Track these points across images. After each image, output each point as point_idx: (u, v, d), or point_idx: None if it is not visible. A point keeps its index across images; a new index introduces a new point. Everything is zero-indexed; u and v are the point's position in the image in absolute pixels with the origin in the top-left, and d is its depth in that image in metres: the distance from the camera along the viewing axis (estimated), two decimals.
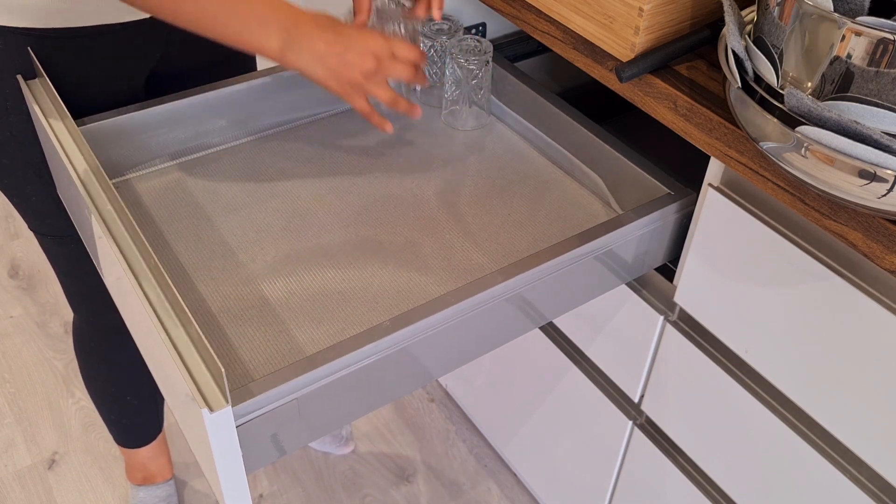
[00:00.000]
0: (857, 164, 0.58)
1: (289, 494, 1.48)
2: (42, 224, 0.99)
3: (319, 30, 0.77)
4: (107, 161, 0.91)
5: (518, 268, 0.74)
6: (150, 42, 0.93)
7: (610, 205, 0.92)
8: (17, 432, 1.57)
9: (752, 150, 0.71)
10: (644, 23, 0.76)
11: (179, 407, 0.68)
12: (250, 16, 0.75)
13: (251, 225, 0.88)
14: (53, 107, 0.83)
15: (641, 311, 0.94)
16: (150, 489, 1.43)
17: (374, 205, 0.91)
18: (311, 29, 0.77)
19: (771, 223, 0.75)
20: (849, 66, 0.58)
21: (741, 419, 0.87)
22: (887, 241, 0.63)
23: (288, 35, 0.76)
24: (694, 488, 0.98)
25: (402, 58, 0.82)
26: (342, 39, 0.78)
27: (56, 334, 1.76)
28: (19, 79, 0.86)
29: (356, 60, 0.78)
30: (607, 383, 1.08)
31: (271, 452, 0.67)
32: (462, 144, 1.01)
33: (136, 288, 0.67)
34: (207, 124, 0.96)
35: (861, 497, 0.77)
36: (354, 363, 0.67)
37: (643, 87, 0.79)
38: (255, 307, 0.78)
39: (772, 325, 0.79)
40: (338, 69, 0.78)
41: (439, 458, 1.54)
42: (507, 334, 0.79)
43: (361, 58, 0.78)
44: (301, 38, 0.77)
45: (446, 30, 1.00)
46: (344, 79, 0.79)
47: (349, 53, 0.78)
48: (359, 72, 0.79)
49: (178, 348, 0.63)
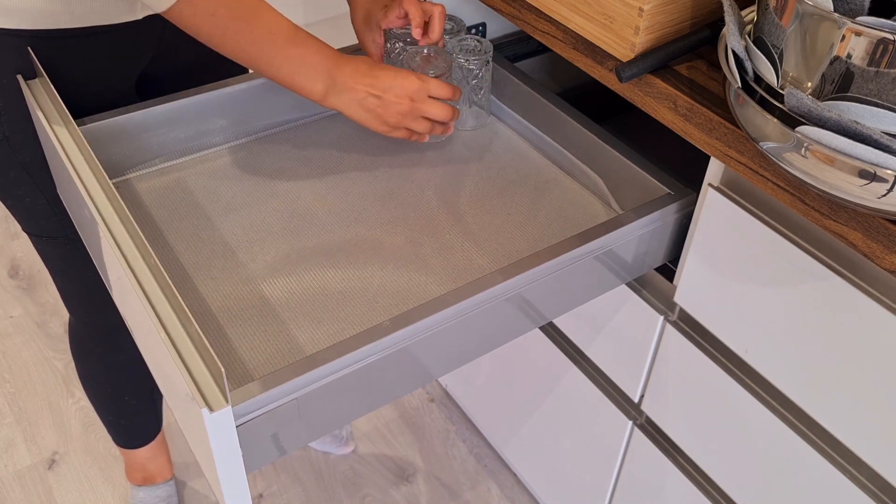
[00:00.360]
0: (857, 164, 0.58)
1: (289, 494, 1.48)
2: (35, 225, 0.99)
3: (359, 75, 0.84)
4: (107, 161, 0.91)
5: (518, 268, 0.74)
6: (143, 42, 0.93)
7: (610, 205, 0.92)
8: (17, 432, 1.57)
9: (752, 150, 0.71)
10: (644, 23, 0.76)
11: (179, 407, 0.68)
12: (302, 61, 0.82)
13: (251, 225, 0.88)
14: (54, 107, 0.83)
15: (641, 311, 0.94)
16: (149, 489, 1.43)
17: (374, 205, 0.91)
18: (352, 74, 0.83)
19: (771, 223, 0.75)
20: (849, 66, 0.58)
21: (741, 419, 0.87)
22: (887, 241, 0.63)
23: (332, 80, 0.83)
24: (694, 488, 0.98)
25: (437, 96, 0.87)
26: (380, 83, 0.84)
27: (56, 334, 1.76)
28: (19, 79, 0.86)
29: (393, 101, 0.85)
30: (607, 383, 1.08)
31: (271, 452, 0.67)
32: (462, 144, 1.01)
33: (136, 288, 0.67)
34: (208, 124, 0.96)
35: (861, 497, 0.77)
36: (354, 363, 0.67)
37: (643, 87, 0.79)
38: (255, 307, 0.78)
39: (772, 325, 0.79)
40: (377, 111, 0.85)
41: (439, 458, 1.54)
42: (507, 334, 0.79)
43: (398, 99, 0.85)
44: (343, 83, 0.83)
45: (448, 30, 1.00)
46: (382, 119, 0.86)
47: (387, 95, 0.85)
48: (396, 112, 0.86)
49: (178, 348, 0.63)
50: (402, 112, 0.86)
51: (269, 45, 0.80)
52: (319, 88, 0.83)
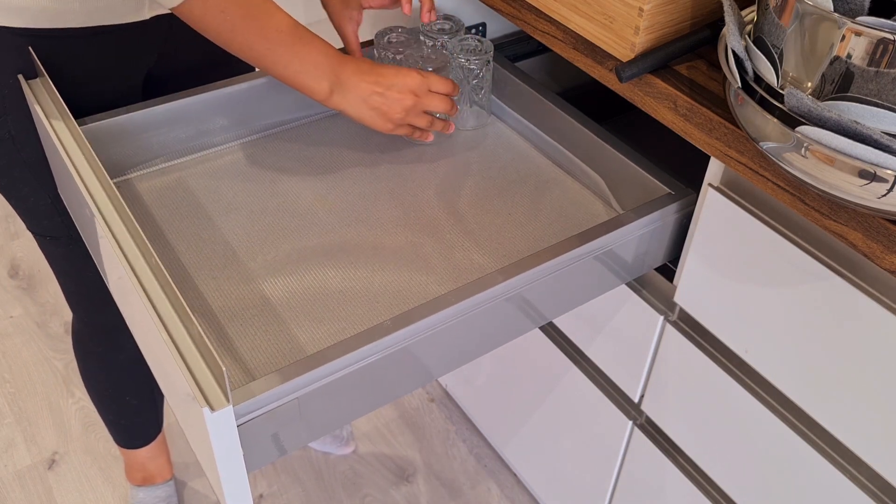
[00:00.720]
0: (857, 164, 0.58)
1: (289, 494, 1.48)
2: (39, 225, 0.99)
3: (362, 74, 0.85)
4: (108, 161, 0.91)
5: (518, 267, 0.74)
6: (148, 43, 0.93)
7: (610, 204, 0.92)
8: (17, 432, 1.57)
9: (752, 150, 0.71)
10: (644, 23, 0.76)
11: (180, 406, 0.68)
12: (308, 60, 0.83)
13: (252, 224, 0.88)
14: (55, 106, 0.84)
15: (641, 311, 0.94)
16: (149, 490, 1.43)
17: (375, 204, 0.91)
18: (355, 73, 0.85)
19: (771, 223, 0.75)
20: (849, 66, 0.58)
21: (741, 419, 0.87)
22: (887, 241, 0.63)
23: (337, 79, 0.84)
24: (694, 488, 0.99)
25: (437, 91, 0.89)
26: (383, 80, 0.86)
27: (56, 334, 1.76)
28: (20, 79, 0.86)
29: (396, 98, 0.86)
30: (607, 383, 1.08)
31: (272, 452, 0.68)
32: (463, 144, 1.01)
33: (137, 287, 0.67)
34: (208, 124, 0.96)
35: (861, 497, 0.77)
36: (355, 362, 0.67)
37: (643, 87, 0.80)
38: (255, 306, 0.78)
39: (772, 325, 0.79)
40: (380, 108, 0.87)
41: (439, 458, 1.54)
42: (507, 334, 0.79)
43: (401, 95, 0.87)
44: (347, 82, 0.85)
45: (447, 29, 1.00)
46: (386, 116, 0.88)
47: (390, 92, 0.86)
48: (400, 108, 0.87)
49: (179, 347, 0.63)
50: (406, 107, 0.87)
51: (277, 43, 0.81)
52: (325, 87, 0.84)
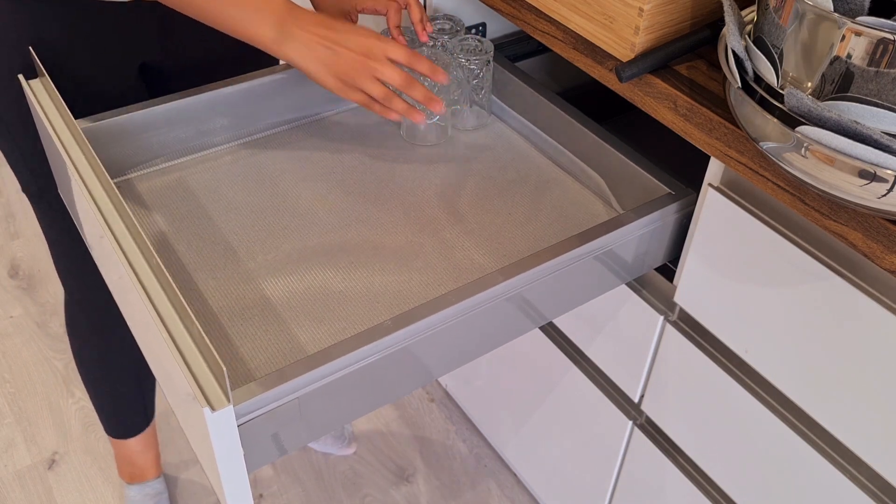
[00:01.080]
0: (857, 164, 0.58)
1: (289, 494, 1.48)
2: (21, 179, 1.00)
3: (313, 24, 0.81)
4: (108, 160, 0.91)
5: (518, 267, 0.74)
6: (144, 27, 0.93)
7: (610, 204, 0.92)
8: (17, 432, 1.57)
9: (752, 150, 0.71)
10: (644, 23, 0.76)
11: (181, 406, 0.68)
12: (248, 4, 0.80)
13: (252, 224, 0.88)
14: (55, 106, 0.84)
15: (641, 311, 0.94)
16: (139, 487, 1.42)
17: (375, 204, 0.91)
18: (305, 22, 0.81)
19: (771, 223, 0.75)
20: (849, 66, 0.58)
21: (741, 419, 0.87)
22: (887, 241, 0.63)
23: (283, 26, 0.80)
24: (694, 488, 0.99)
25: (394, 58, 0.83)
26: (334, 34, 0.81)
27: (56, 334, 1.76)
28: (20, 79, 0.86)
29: (345, 55, 0.81)
30: (607, 383, 1.08)
31: (272, 451, 0.68)
32: (463, 144, 1.01)
33: (137, 287, 0.67)
34: (209, 124, 0.96)
35: (861, 497, 0.77)
36: (355, 362, 0.67)
37: (643, 87, 0.80)
38: (256, 306, 0.78)
39: (772, 325, 0.79)
40: (328, 60, 0.81)
41: (439, 458, 1.54)
42: (507, 334, 0.79)
43: (351, 53, 0.81)
44: (294, 29, 0.81)
45: (447, 30, 1.01)
46: (334, 71, 0.82)
47: (339, 46, 0.81)
48: (348, 67, 0.82)
49: (179, 347, 0.63)
50: (354, 67, 0.82)
51: None
52: (268, 33, 0.81)
